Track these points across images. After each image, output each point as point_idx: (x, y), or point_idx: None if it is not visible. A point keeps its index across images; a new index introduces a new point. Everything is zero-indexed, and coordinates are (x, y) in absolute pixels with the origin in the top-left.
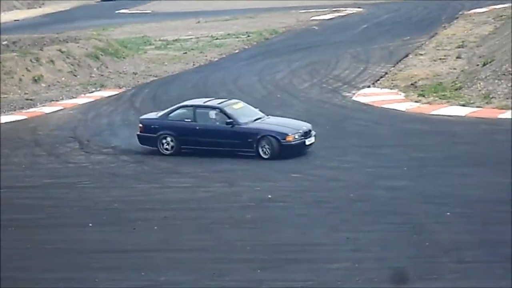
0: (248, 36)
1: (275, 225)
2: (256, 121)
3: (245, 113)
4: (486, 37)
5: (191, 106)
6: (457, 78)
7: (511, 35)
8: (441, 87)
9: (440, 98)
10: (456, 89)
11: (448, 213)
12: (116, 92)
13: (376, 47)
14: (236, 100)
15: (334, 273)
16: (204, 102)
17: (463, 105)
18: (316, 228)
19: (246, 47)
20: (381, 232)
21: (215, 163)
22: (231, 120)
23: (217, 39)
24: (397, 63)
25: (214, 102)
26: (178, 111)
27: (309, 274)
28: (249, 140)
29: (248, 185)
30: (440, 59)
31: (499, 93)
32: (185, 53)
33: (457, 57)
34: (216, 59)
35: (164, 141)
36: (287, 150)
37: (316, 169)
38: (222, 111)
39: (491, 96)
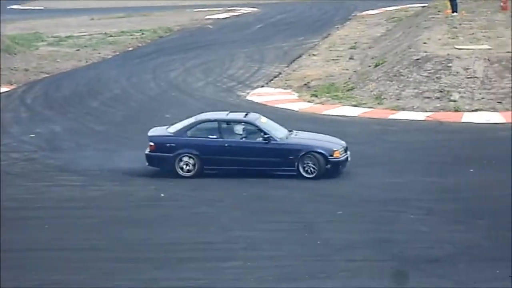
0: (142, 34)
1: (168, 224)
2: (291, 136)
3: (274, 127)
4: (378, 39)
5: (215, 120)
6: (349, 79)
7: (402, 36)
8: (333, 87)
9: (332, 99)
10: (349, 90)
11: (340, 212)
12: (7, 89)
13: (270, 47)
14: (257, 114)
15: (227, 271)
16: (227, 116)
17: (355, 106)
18: (209, 226)
19: (140, 45)
20: (273, 231)
21: (107, 161)
22: (268, 136)
23: (110, 36)
24: (291, 63)
25: (239, 116)
26: (198, 126)
27: (203, 273)
28: (290, 157)
29: (141, 184)
30: (333, 59)
31: (390, 94)
32: (78, 50)
33: (349, 58)
34: (109, 57)
35: (183, 161)
36: (335, 167)
37: None
38: (254, 125)
39: (382, 97)
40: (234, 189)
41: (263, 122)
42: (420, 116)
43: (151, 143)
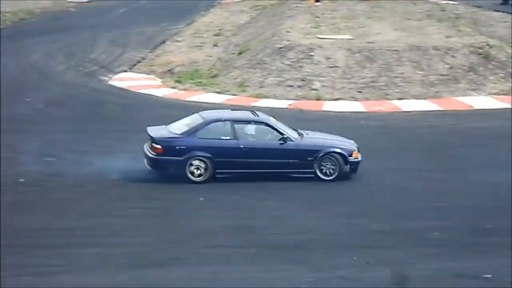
0: (4, 16)
1: (27, 209)
2: (306, 136)
3: (286, 127)
4: (242, 26)
5: (227, 120)
6: (213, 65)
7: (266, 25)
8: (197, 74)
9: (196, 85)
10: (212, 77)
11: (202, 199)
12: None
13: (134, 32)
14: (265, 114)
15: (87, 258)
16: (237, 115)
17: (219, 93)
18: (70, 212)
19: (1, 27)
20: (135, 217)
21: None
22: (286, 136)
23: None
24: (155, 48)
25: (250, 115)
26: (209, 126)
27: (61, 259)
28: (308, 159)
29: None
30: (197, 46)
31: (253, 81)
32: None
33: (213, 45)
34: None
35: (193, 165)
36: (353, 168)
37: (69, 152)
38: (269, 125)
39: (246, 84)
40: (96, 174)
41: (273, 121)
42: (282, 104)
43: (158, 146)
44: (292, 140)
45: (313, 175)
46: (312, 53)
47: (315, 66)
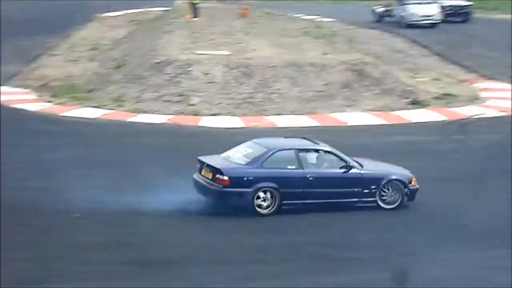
0: None
1: None
2: (365, 164)
3: (344, 155)
4: (119, 41)
5: (291, 149)
6: (89, 80)
7: (143, 40)
8: (73, 88)
9: (72, 100)
10: (89, 91)
11: (77, 215)
12: None
13: (8, 44)
14: (318, 141)
15: None
16: (296, 143)
17: (96, 107)
18: None
19: None
20: (9, 234)
21: None
22: (350, 165)
23: None
24: (30, 62)
25: (308, 143)
26: (274, 155)
27: None
28: (372, 187)
29: None
30: (73, 60)
31: (130, 96)
32: None
33: (90, 59)
34: None
35: (261, 197)
36: (412, 196)
37: None
38: (332, 153)
39: (123, 99)
40: None
41: (333, 149)
42: (160, 119)
43: (224, 177)
44: (355, 168)
45: (375, 204)
46: (190, 69)
47: (193, 81)
